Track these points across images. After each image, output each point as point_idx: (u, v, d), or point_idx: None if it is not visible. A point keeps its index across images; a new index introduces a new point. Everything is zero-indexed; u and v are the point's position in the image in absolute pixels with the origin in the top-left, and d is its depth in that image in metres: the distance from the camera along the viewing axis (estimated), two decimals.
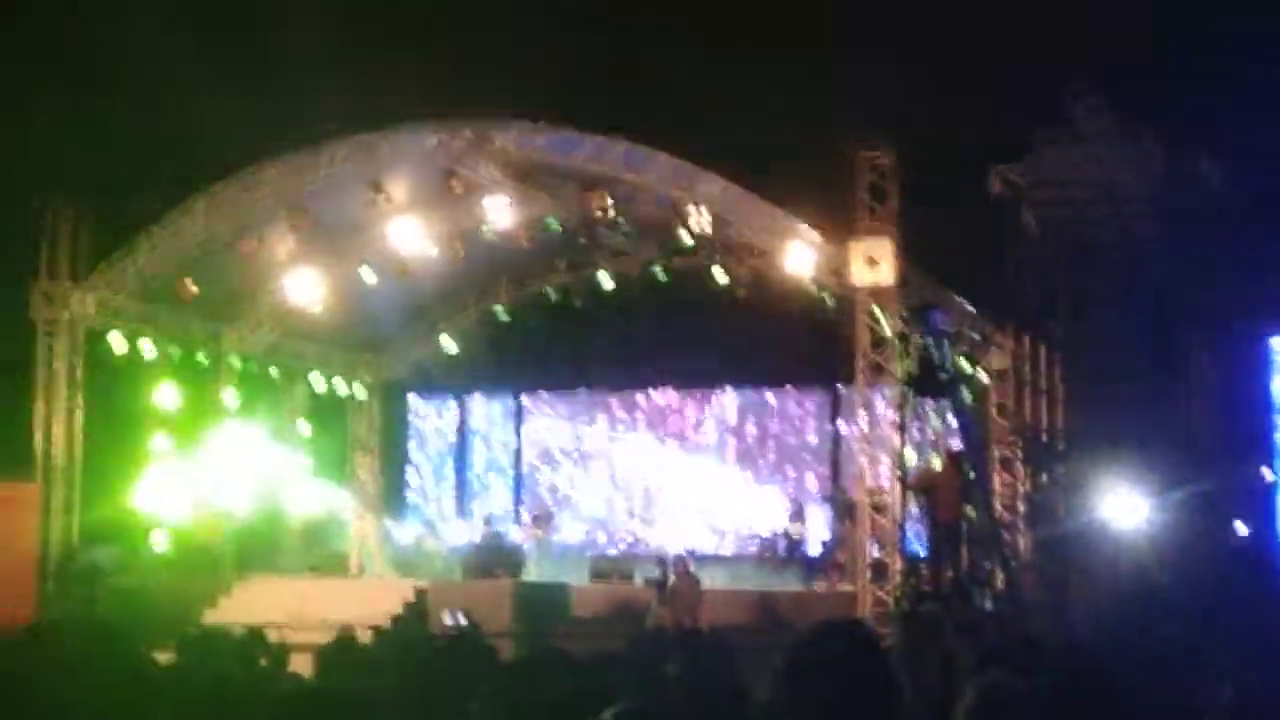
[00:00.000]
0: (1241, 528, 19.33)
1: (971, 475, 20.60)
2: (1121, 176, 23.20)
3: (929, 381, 19.45)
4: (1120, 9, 24.98)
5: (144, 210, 23.22)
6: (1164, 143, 23.01)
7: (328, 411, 28.07)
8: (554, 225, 23.17)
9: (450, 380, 29.37)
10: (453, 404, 30.86)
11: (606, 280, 26.23)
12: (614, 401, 29.81)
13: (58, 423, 22.39)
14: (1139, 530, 19.84)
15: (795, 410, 28.83)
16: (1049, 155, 23.55)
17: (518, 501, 29.90)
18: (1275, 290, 23.02)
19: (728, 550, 28.03)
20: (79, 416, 22.56)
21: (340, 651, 7.40)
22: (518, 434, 30.41)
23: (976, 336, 23.84)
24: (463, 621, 17.04)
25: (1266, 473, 23.15)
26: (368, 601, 19.46)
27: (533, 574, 23.42)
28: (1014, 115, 24.55)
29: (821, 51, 26.56)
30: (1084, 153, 23.29)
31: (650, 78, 25.81)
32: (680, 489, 29.05)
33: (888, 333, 20.08)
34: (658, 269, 25.37)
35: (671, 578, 20.87)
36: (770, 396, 28.87)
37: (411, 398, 30.59)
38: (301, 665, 8.77)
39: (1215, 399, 24.13)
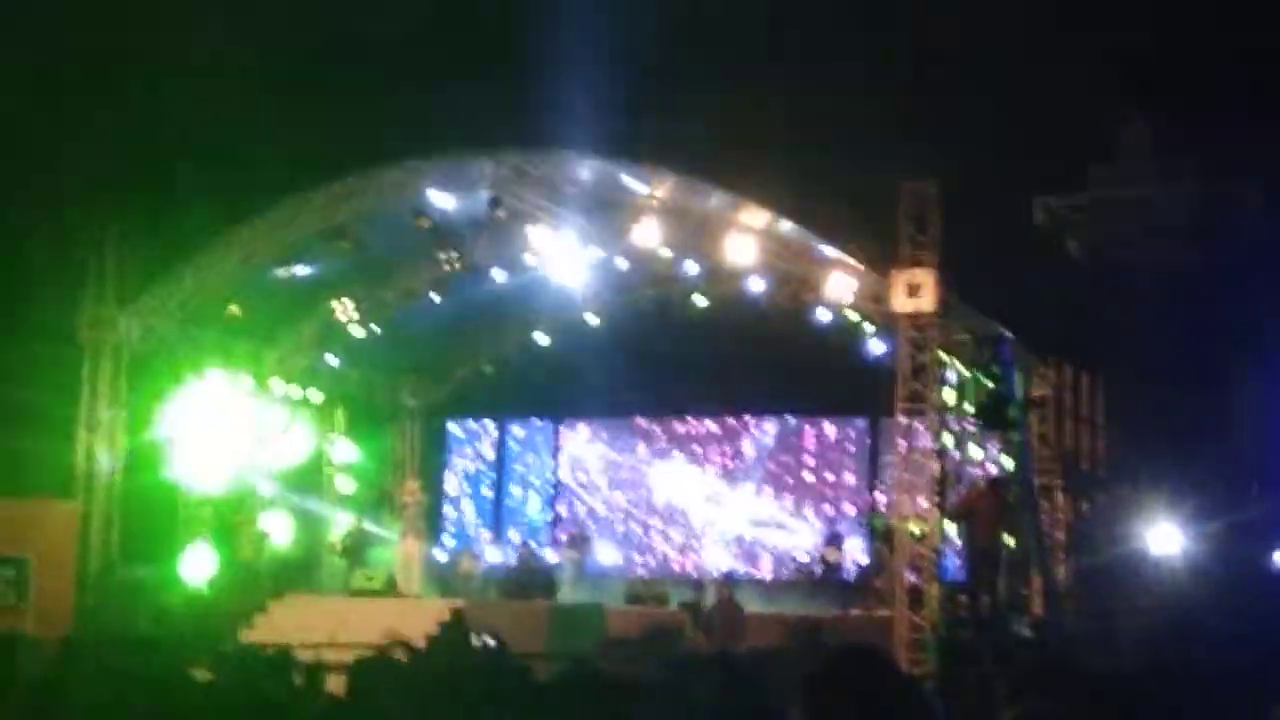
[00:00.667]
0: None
1: (1012, 501, 20.55)
2: (1163, 203, 23.12)
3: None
4: (1162, 38, 24.92)
5: (191, 234, 23.45)
6: (1205, 169, 22.94)
7: (368, 434, 28.22)
8: (597, 252, 23.23)
9: (490, 404, 29.49)
10: (492, 427, 30.97)
11: (648, 306, 26.33)
12: (652, 427, 29.86)
13: (100, 442, 22.59)
14: (1180, 558, 19.71)
15: (835, 438, 28.80)
16: (1092, 184, 23.54)
17: (554, 524, 29.96)
18: None
19: (764, 575, 28.02)
20: (121, 437, 22.77)
21: (374, 670, 7.43)
22: (555, 458, 30.49)
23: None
24: (490, 643, 17.03)
25: None
26: (404, 621, 19.47)
27: (568, 596, 23.44)
28: (1058, 145, 24.55)
29: (867, 81, 26.61)
30: (1127, 180, 23.25)
31: (696, 107, 25.89)
32: (716, 514, 29.05)
33: (927, 360, 20.04)
34: (698, 296, 25.42)
35: (711, 602, 20.86)
36: (809, 423, 28.85)
37: (451, 422, 30.72)
38: (337, 685, 8.82)
39: (1257, 427, 23.96)
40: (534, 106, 26.40)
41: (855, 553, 25.56)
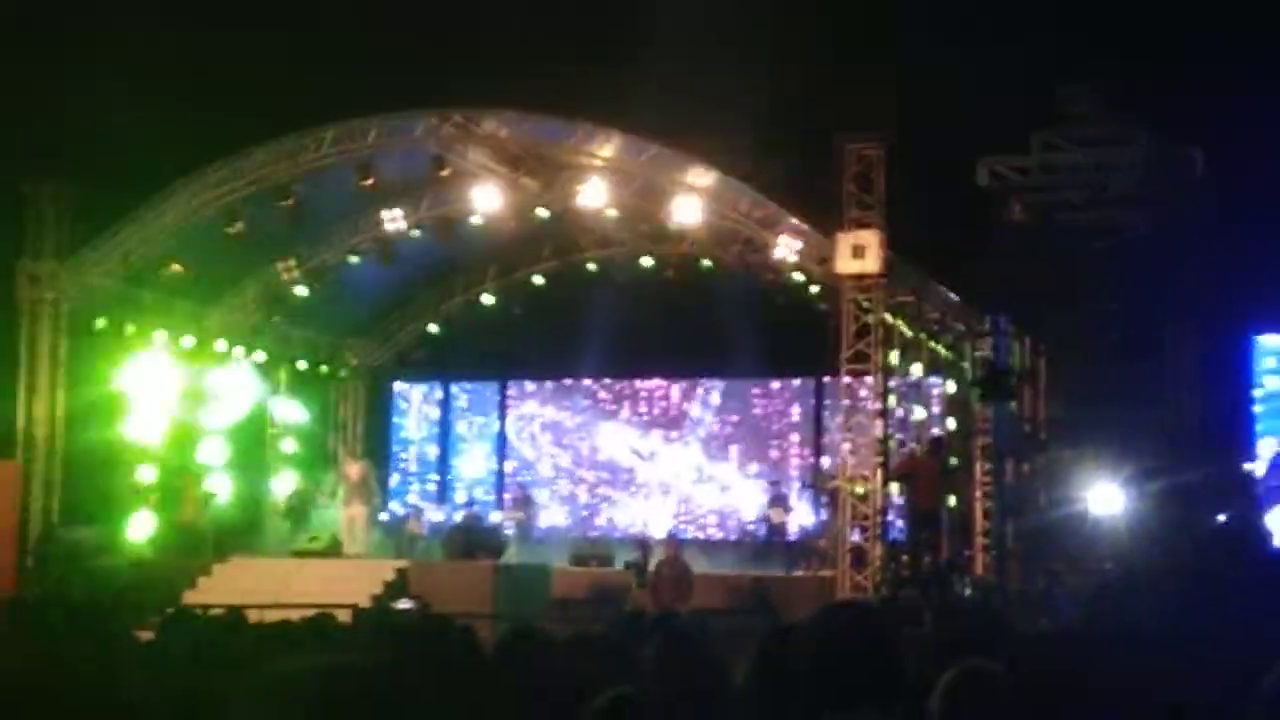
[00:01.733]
0: (1221, 519, 19.42)
1: (953, 463, 20.68)
2: (1109, 168, 23.27)
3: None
4: (1109, 3, 25.03)
5: (131, 192, 23.17)
6: (1151, 132, 23.09)
7: (313, 394, 28.07)
8: (542, 212, 23.19)
9: (435, 365, 29.39)
10: (437, 388, 30.89)
11: (592, 267, 26.34)
12: (598, 388, 29.87)
13: (40, 402, 22.36)
14: (1119, 519, 19.93)
15: (779, 398, 28.90)
16: (1037, 148, 23.64)
17: (500, 485, 29.94)
18: (1259, 283, 23.09)
19: (709, 535, 28.13)
20: (61, 397, 22.54)
21: (316, 631, 7.41)
22: (502, 419, 30.45)
23: (961, 326, 23.91)
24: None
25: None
26: (348, 582, 19.43)
27: (513, 557, 23.45)
28: (1003, 108, 24.61)
29: (812, 41, 26.58)
30: (1072, 144, 23.36)
31: (641, 66, 25.79)
32: (662, 475, 29.13)
33: (872, 320, 20.12)
34: (645, 257, 25.40)
35: (655, 563, 20.91)
36: (754, 384, 28.93)
37: (396, 382, 30.60)
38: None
39: (1198, 389, 24.24)
40: (479, 63, 26.25)
41: (800, 513, 25.67)
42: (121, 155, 24.18)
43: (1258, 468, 22.95)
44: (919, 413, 23.40)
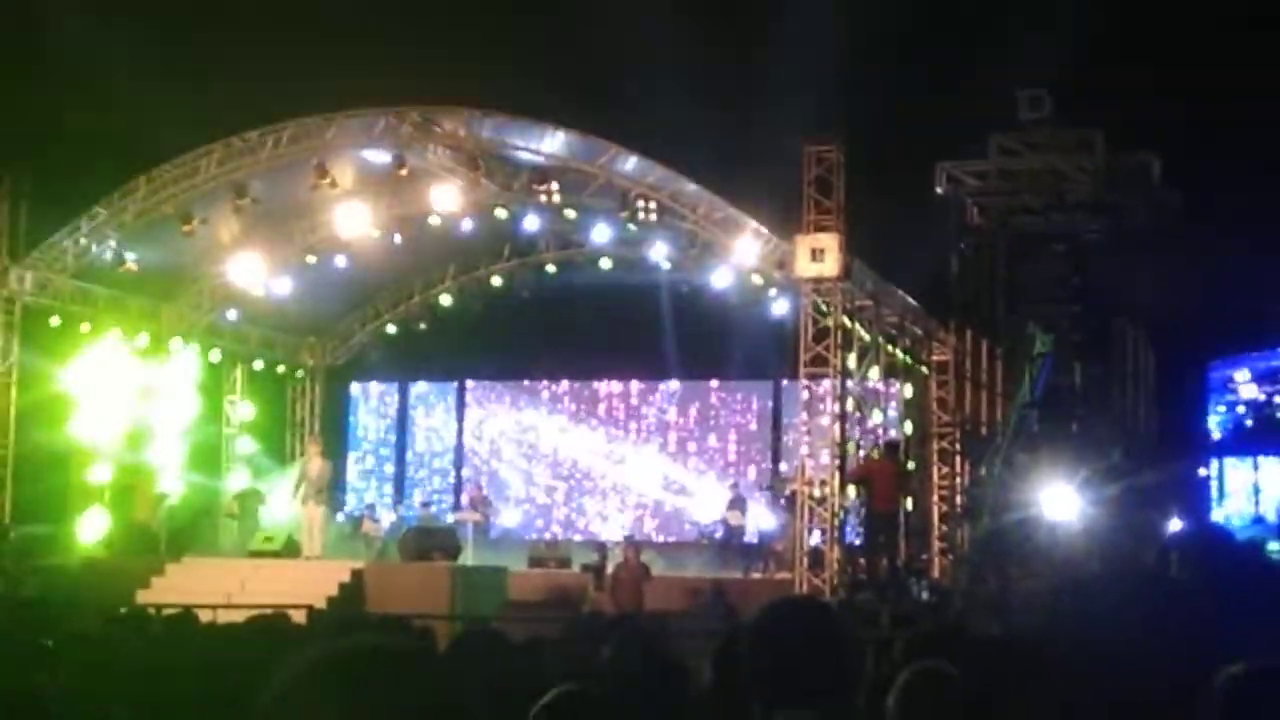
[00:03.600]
0: (1176, 522, 19.55)
1: (910, 466, 20.75)
2: (1065, 172, 23.39)
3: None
4: (1067, 9, 25.16)
5: (86, 189, 22.99)
6: (1107, 140, 23.22)
7: (269, 394, 27.93)
8: (501, 213, 23.14)
9: (392, 366, 29.28)
10: (394, 389, 30.77)
11: (552, 269, 26.33)
12: (556, 390, 29.83)
13: None
14: (1075, 523, 20.03)
15: (738, 401, 28.94)
16: (994, 152, 23.73)
17: (457, 487, 29.85)
18: (1215, 290, 23.27)
19: (666, 537, 28.12)
20: (14, 394, 22.34)
21: (268, 630, 7.36)
22: (459, 420, 30.36)
23: (918, 330, 24.01)
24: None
25: None
26: (304, 583, 19.33)
27: (470, 558, 23.38)
28: (961, 112, 24.72)
29: (773, 44, 26.63)
30: (1029, 150, 23.47)
31: (601, 68, 25.79)
32: (620, 477, 29.11)
33: (830, 324, 20.16)
34: (603, 259, 25.40)
35: (614, 565, 20.89)
36: (713, 387, 28.96)
37: (353, 383, 30.46)
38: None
39: (1153, 394, 24.41)
40: (439, 62, 26.17)
41: (758, 516, 25.70)
42: (78, 151, 24.00)
43: None
44: (876, 416, 23.46)
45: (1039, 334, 21.25)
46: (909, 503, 21.50)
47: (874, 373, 22.68)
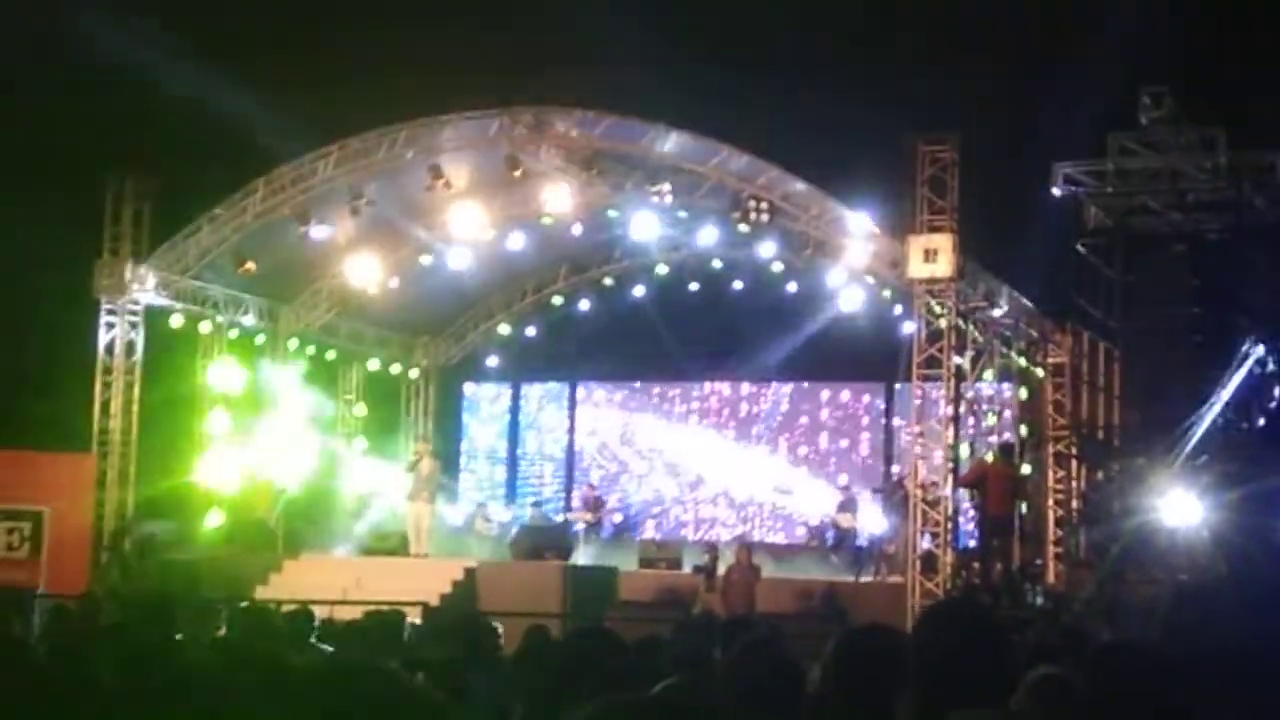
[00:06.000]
0: None
1: (1025, 470, 20.48)
2: (1187, 174, 22.96)
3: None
4: (1191, 6, 24.74)
5: (207, 190, 23.42)
6: (1230, 138, 22.76)
7: (383, 394, 28.24)
8: (613, 214, 23.22)
9: (505, 366, 29.47)
10: (507, 389, 30.97)
11: (663, 269, 26.34)
12: (667, 391, 29.84)
13: (115, 398, 22.66)
14: (1195, 528, 19.65)
15: (850, 403, 28.75)
16: (1112, 152, 23.36)
17: (568, 487, 29.97)
18: None
19: (776, 539, 28.03)
20: (137, 392, 22.84)
21: (382, 627, 7.45)
22: (571, 420, 30.48)
23: (1033, 333, 23.70)
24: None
25: None
26: (417, 580, 19.53)
27: (582, 558, 23.48)
28: (1079, 111, 24.35)
29: (888, 42, 26.45)
30: (1149, 149, 23.07)
31: (714, 68, 25.76)
32: (731, 478, 29.05)
33: (944, 325, 19.96)
34: (714, 260, 25.37)
35: (725, 567, 20.85)
36: (824, 389, 28.81)
37: (466, 383, 30.71)
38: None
39: (1274, 397, 23.84)
40: (550, 63, 26.30)
41: (869, 519, 25.53)
42: (199, 154, 24.45)
43: None
44: (990, 419, 23.19)
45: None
46: (1023, 507, 21.22)
47: (988, 375, 22.43)
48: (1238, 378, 20.72)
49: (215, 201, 23.03)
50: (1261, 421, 21.76)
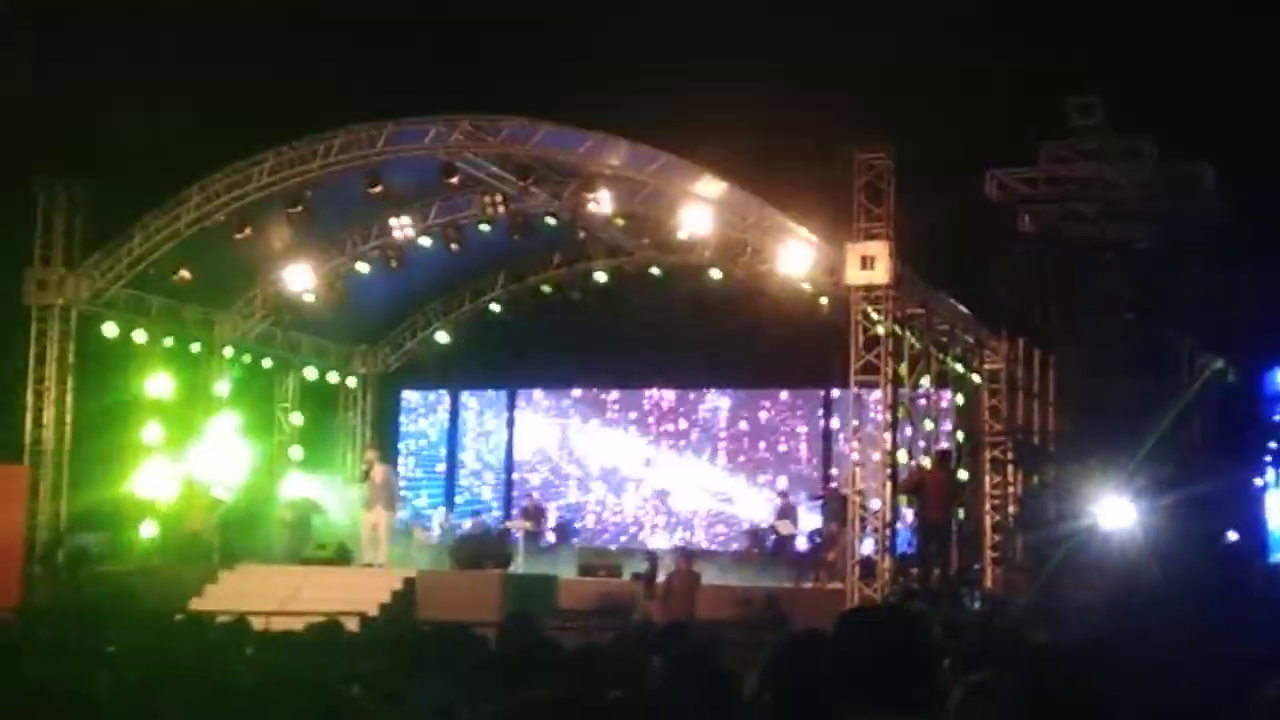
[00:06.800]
0: (1232, 534, 19.39)
1: (962, 476, 20.62)
2: (1116, 180, 23.22)
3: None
4: (1119, 15, 25.02)
5: (140, 197, 23.21)
6: (1159, 148, 23.05)
7: (321, 402, 28.07)
8: (551, 221, 23.21)
9: (443, 373, 29.38)
10: (445, 397, 30.87)
11: (601, 276, 26.35)
12: (606, 398, 29.85)
13: (48, 408, 22.40)
14: (1129, 532, 19.87)
15: (788, 409, 28.87)
16: (1045, 160, 23.59)
17: (508, 495, 29.91)
18: (1268, 299, 23.02)
19: (715, 546, 28.09)
20: (70, 402, 22.57)
21: (322, 639, 7.39)
22: (510, 428, 30.43)
23: (970, 339, 23.88)
24: None
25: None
26: (356, 590, 19.43)
27: (521, 566, 23.43)
28: (1010, 119, 24.58)
29: (822, 51, 26.56)
30: (1080, 155, 23.32)
31: (650, 76, 25.78)
32: (671, 486, 29.09)
33: (881, 332, 20.08)
34: (653, 267, 25.41)
35: (664, 574, 20.87)
36: (763, 395, 28.91)
37: (403, 390, 30.58)
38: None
39: (1207, 403, 24.14)
40: (488, 72, 26.26)
41: (807, 526, 25.63)
42: (132, 160, 24.21)
43: None
44: (927, 425, 23.34)
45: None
46: (960, 512, 21.38)
47: (925, 381, 22.58)
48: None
49: (150, 208, 22.82)
50: (1212, 430, 22.04)
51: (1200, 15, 25.02)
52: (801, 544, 24.86)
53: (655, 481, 29.20)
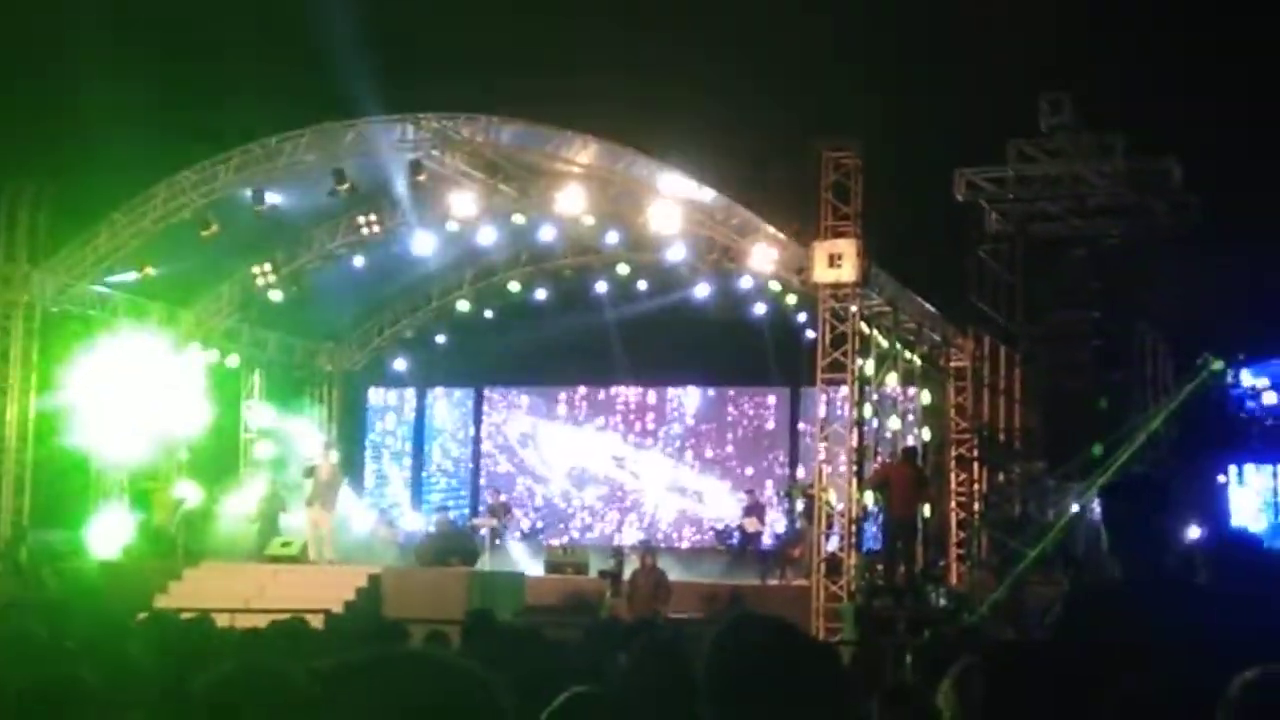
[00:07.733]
0: (1194, 530, 19.45)
1: (928, 473, 20.66)
2: (1084, 177, 23.33)
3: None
4: (1090, 14, 25.14)
5: (106, 194, 23.07)
6: (1128, 145, 23.16)
7: (287, 399, 27.93)
8: (519, 219, 23.17)
9: (410, 371, 29.30)
10: (412, 394, 30.79)
11: (569, 274, 26.31)
12: (573, 396, 29.82)
13: (11, 404, 22.23)
14: (1093, 528, 19.94)
15: (755, 406, 28.89)
16: (1013, 159, 23.69)
17: (474, 492, 29.86)
18: (1236, 295, 23.17)
19: (683, 543, 28.11)
20: (33, 398, 22.40)
21: (286, 636, 7.35)
22: (477, 425, 30.37)
23: (936, 337, 23.94)
24: None
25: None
26: (321, 588, 19.35)
27: (487, 563, 23.38)
28: (980, 118, 24.69)
29: (791, 50, 26.61)
30: (1049, 156, 23.42)
31: (619, 74, 25.78)
32: (637, 483, 29.09)
33: (848, 330, 20.11)
34: (621, 264, 25.39)
35: (631, 571, 20.86)
36: (730, 393, 28.93)
37: (371, 388, 30.49)
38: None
39: (1172, 398, 24.28)
40: (458, 70, 26.20)
41: (774, 523, 25.67)
42: (98, 157, 24.07)
43: None
44: (894, 422, 23.40)
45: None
46: (926, 509, 21.43)
47: (892, 379, 22.63)
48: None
49: (115, 205, 22.68)
50: (1182, 426, 22.13)
51: (1170, 11, 25.17)
52: (768, 540, 24.89)
53: (622, 479, 29.18)
